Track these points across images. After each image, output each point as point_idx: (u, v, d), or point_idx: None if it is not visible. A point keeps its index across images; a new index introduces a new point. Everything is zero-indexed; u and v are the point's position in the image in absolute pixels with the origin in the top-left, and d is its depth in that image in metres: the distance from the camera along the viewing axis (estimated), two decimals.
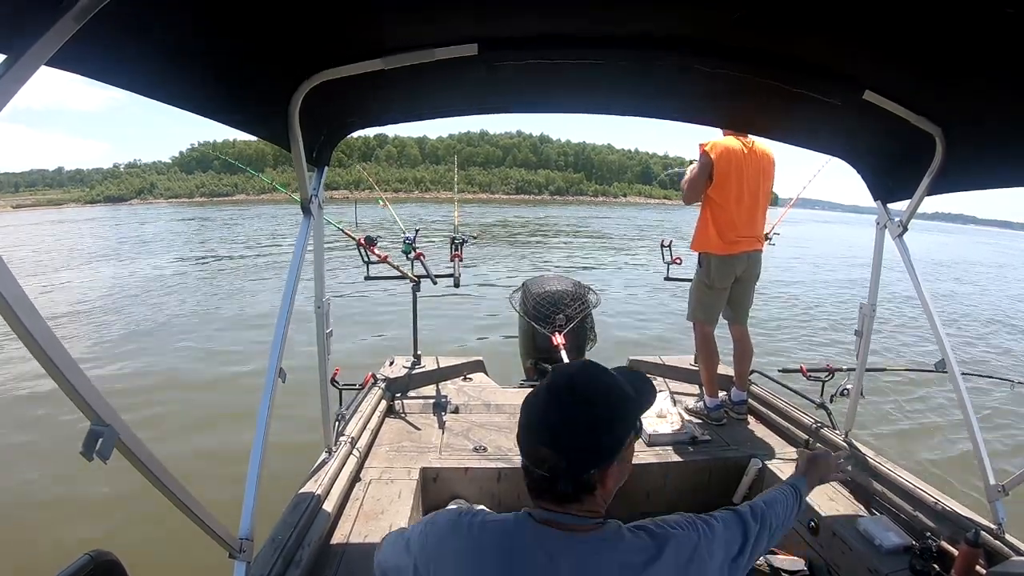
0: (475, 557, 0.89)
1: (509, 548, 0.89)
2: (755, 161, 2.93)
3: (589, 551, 0.88)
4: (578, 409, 0.89)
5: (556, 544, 0.88)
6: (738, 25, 1.40)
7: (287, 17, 1.29)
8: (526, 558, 0.87)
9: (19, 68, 0.74)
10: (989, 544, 1.88)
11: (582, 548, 0.88)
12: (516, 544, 0.89)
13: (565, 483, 0.88)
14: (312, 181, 2.03)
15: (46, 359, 0.85)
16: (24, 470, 4.51)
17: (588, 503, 0.91)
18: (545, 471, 0.88)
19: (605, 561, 0.88)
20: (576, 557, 0.87)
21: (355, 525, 2.09)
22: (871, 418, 5.48)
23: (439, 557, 0.92)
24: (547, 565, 0.86)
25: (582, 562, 0.87)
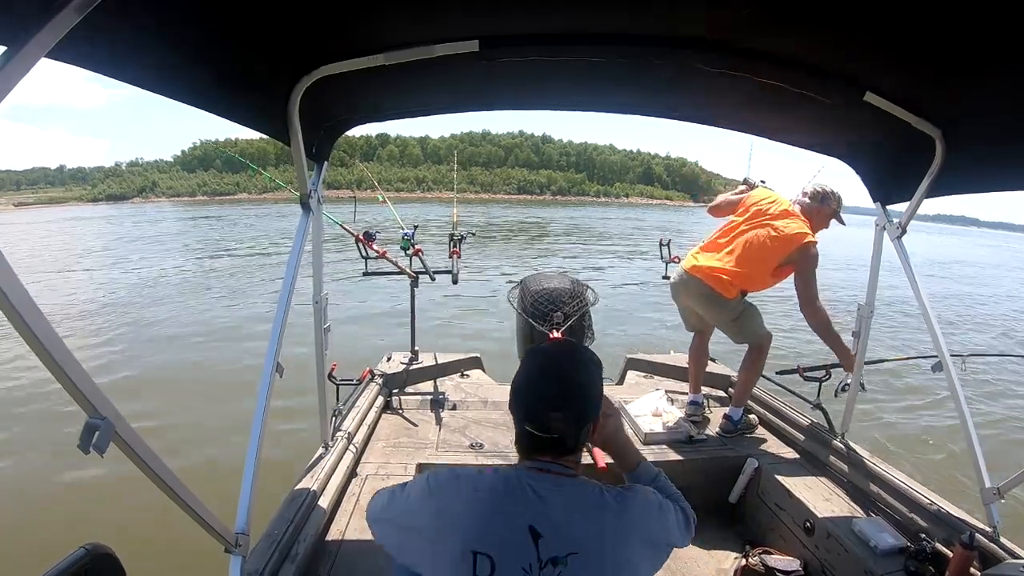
0: (475, 497, 1.04)
1: (503, 490, 1.04)
2: (769, 223, 2.84)
3: (573, 489, 1.06)
4: (573, 380, 1.09)
5: (546, 485, 1.04)
6: (740, 26, 1.40)
7: (288, 11, 1.29)
8: (519, 495, 1.03)
9: (19, 60, 0.74)
10: (984, 547, 1.88)
11: (568, 485, 1.06)
12: (511, 486, 1.05)
13: (571, 441, 1.08)
14: (312, 177, 2.03)
15: (43, 352, 0.85)
16: (19, 463, 4.53)
17: (577, 454, 1.11)
18: (555, 434, 1.05)
19: (586, 496, 1.06)
20: (562, 494, 1.04)
21: (351, 520, 2.09)
22: (867, 419, 5.48)
23: (443, 501, 1.06)
24: (537, 501, 1.03)
25: (567, 498, 1.04)
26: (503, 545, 1.00)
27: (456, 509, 1.04)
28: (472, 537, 1.00)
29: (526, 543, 1.00)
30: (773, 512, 2.51)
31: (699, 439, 2.87)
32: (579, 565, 0.99)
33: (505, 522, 1.02)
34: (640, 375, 3.94)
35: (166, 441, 4.54)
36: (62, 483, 4.08)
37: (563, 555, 0.99)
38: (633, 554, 1.05)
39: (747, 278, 2.87)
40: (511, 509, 1.02)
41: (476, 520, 1.02)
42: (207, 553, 1.57)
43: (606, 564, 1.01)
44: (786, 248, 2.77)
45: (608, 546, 1.03)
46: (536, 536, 1.00)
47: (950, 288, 17.39)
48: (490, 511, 1.03)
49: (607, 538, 1.03)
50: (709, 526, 2.64)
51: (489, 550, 0.99)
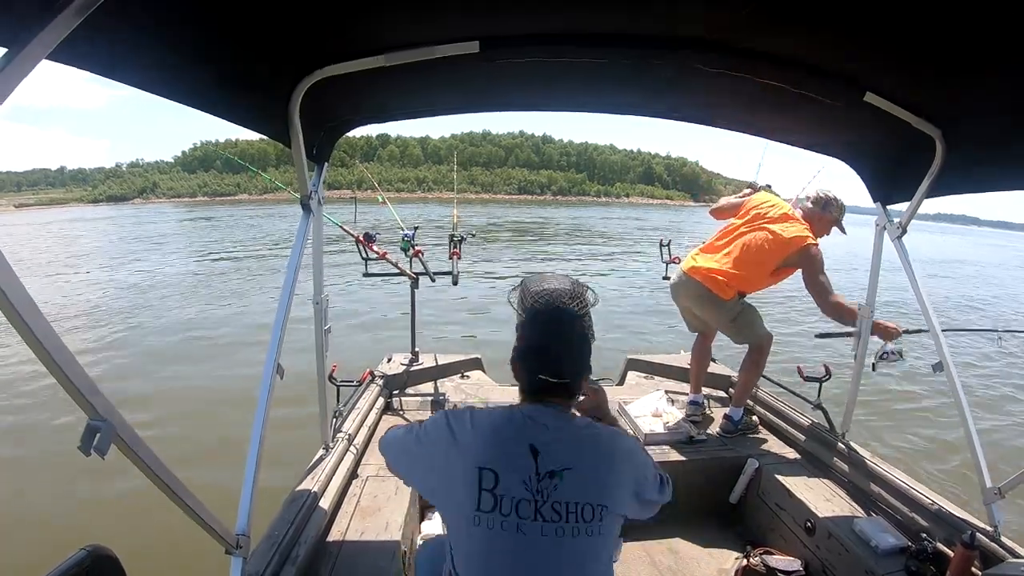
0: (484, 423, 1.20)
1: (509, 418, 1.20)
2: (768, 226, 2.85)
3: (570, 419, 1.23)
4: (573, 330, 1.22)
5: (546, 416, 1.20)
6: (740, 26, 1.41)
7: (289, 13, 1.29)
8: (521, 422, 1.19)
9: (20, 62, 0.74)
10: (985, 546, 1.88)
11: (565, 417, 1.22)
12: (515, 416, 1.20)
13: (575, 386, 1.24)
14: (312, 178, 2.03)
15: (44, 354, 0.85)
16: (21, 465, 4.53)
17: (570, 400, 1.26)
18: (566, 379, 1.21)
19: (581, 425, 1.23)
20: (560, 421, 1.20)
21: (352, 522, 2.09)
22: (868, 419, 5.48)
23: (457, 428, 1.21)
24: (537, 426, 1.18)
25: (565, 424, 1.20)
26: (506, 460, 1.15)
27: (467, 434, 1.19)
28: (479, 455, 1.16)
29: (526, 458, 1.14)
30: (774, 512, 2.51)
31: (699, 439, 2.87)
32: (572, 478, 1.14)
33: (508, 441, 1.17)
34: (640, 376, 3.94)
35: (166, 443, 4.54)
36: (63, 485, 4.08)
37: (559, 469, 1.14)
38: (618, 481, 1.20)
39: (744, 280, 2.88)
40: (514, 432, 1.18)
41: (483, 442, 1.18)
42: (208, 554, 1.57)
43: (596, 481, 1.16)
44: (784, 251, 2.78)
45: (599, 466, 1.19)
46: (535, 452, 1.15)
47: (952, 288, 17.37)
48: (496, 434, 1.19)
49: (599, 460, 1.19)
50: (710, 526, 2.65)
51: (493, 465, 1.14)
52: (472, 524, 1.13)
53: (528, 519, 1.12)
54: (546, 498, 1.13)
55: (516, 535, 1.12)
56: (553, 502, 1.13)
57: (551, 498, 1.13)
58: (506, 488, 1.13)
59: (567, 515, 1.13)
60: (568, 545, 1.13)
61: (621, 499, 1.20)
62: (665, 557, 2.45)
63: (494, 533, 1.12)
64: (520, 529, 1.12)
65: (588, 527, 1.14)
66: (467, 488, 1.14)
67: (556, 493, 1.13)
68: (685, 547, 2.52)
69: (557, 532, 1.12)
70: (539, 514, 1.12)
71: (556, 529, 1.12)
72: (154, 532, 3.21)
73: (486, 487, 1.13)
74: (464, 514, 1.14)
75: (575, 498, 1.14)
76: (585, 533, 1.14)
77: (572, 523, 1.13)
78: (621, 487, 1.20)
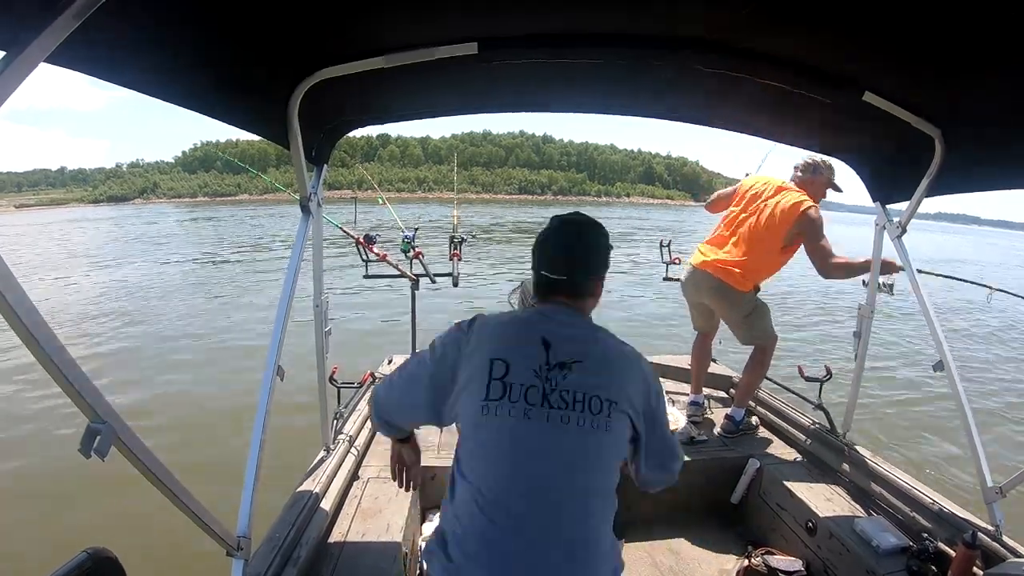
0: (499, 321, 1.28)
1: (523, 316, 1.32)
2: (766, 203, 2.86)
3: (583, 319, 1.29)
4: (591, 239, 1.31)
5: (558, 315, 1.26)
6: (739, 26, 1.40)
7: (287, 15, 1.29)
8: (535, 319, 1.26)
9: (18, 65, 0.74)
10: (986, 546, 1.88)
11: (578, 317, 1.28)
12: (528, 314, 1.30)
13: (579, 284, 1.29)
14: (311, 180, 2.03)
15: (44, 356, 0.85)
16: (21, 467, 4.54)
17: (584, 301, 1.31)
18: (565, 275, 1.28)
19: (594, 328, 1.27)
20: (573, 318, 1.27)
21: (353, 523, 2.09)
22: (869, 419, 5.47)
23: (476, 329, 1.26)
24: (549, 322, 1.24)
25: (577, 322, 1.26)
26: (518, 350, 1.20)
27: (481, 330, 1.25)
28: (492, 348, 1.21)
29: (538, 349, 1.19)
30: (775, 512, 2.51)
31: (700, 440, 2.87)
32: (582, 370, 1.18)
33: (520, 334, 1.23)
34: None
35: (167, 444, 4.54)
36: (64, 487, 4.08)
37: (569, 361, 1.18)
38: (627, 380, 1.22)
39: (756, 264, 2.87)
40: (526, 326, 1.25)
41: (497, 335, 1.24)
42: (209, 557, 1.57)
43: (606, 376, 1.20)
44: (787, 221, 2.76)
45: (610, 364, 1.22)
46: (547, 344, 1.20)
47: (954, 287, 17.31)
48: (508, 327, 1.26)
49: (609, 358, 1.23)
50: (711, 527, 2.64)
51: (505, 355, 1.19)
52: (480, 415, 1.16)
53: (536, 405, 1.15)
54: (555, 386, 1.16)
55: (522, 420, 1.14)
56: (561, 390, 1.16)
57: (559, 387, 1.16)
58: (516, 376, 1.16)
59: (574, 403, 1.15)
60: (573, 434, 1.14)
61: (629, 400, 1.20)
62: (666, 557, 2.45)
63: (500, 420, 1.15)
64: (527, 415, 1.14)
65: (595, 420, 1.16)
66: (478, 381, 1.18)
67: (565, 382, 1.16)
68: (686, 547, 2.52)
69: (563, 419, 1.14)
70: (546, 401, 1.15)
71: (562, 416, 1.14)
72: (155, 534, 3.21)
73: (496, 376, 1.17)
74: (474, 409, 1.17)
75: (583, 389, 1.16)
76: (591, 425, 1.15)
77: (579, 412, 1.15)
78: (630, 386, 1.21)
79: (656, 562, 2.43)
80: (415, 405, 1.29)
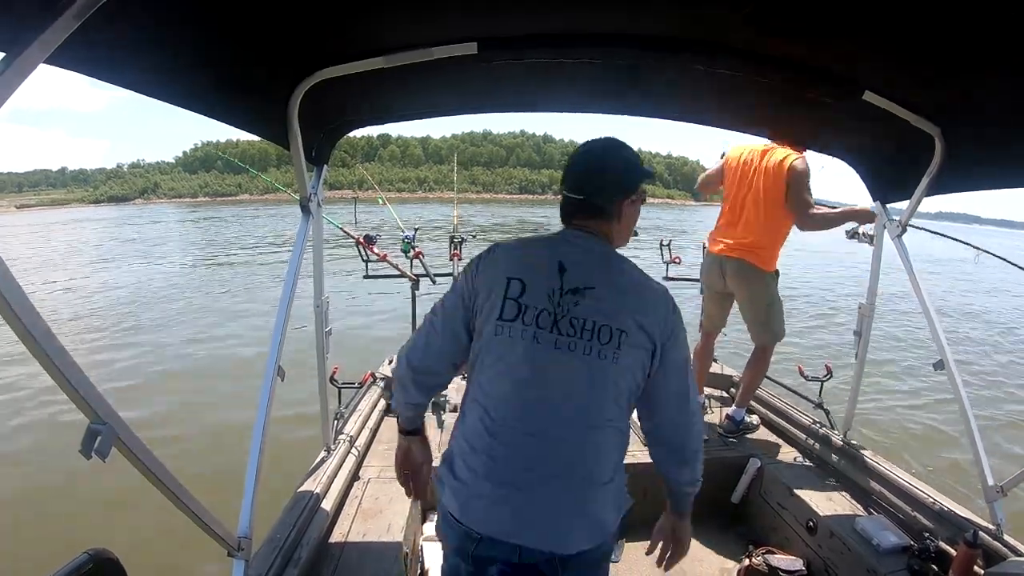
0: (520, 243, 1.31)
1: (543, 239, 1.30)
2: (758, 171, 2.85)
3: (602, 246, 1.26)
4: (609, 157, 1.30)
5: (578, 240, 1.26)
6: (739, 25, 1.40)
7: (286, 15, 1.29)
8: (554, 242, 1.27)
9: (19, 65, 0.74)
10: (987, 544, 1.88)
11: (598, 243, 1.26)
12: (549, 238, 1.30)
13: (599, 205, 1.27)
14: (311, 180, 2.03)
15: (44, 357, 0.85)
16: (22, 467, 4.54)
17: (606, 227, 1.29)
18: (583, 195, 1.27)
19: (613, 255, 1.27)
20: (592, 245, 1.25)
21: (353, 524, 2.09)
22: (870, 418, 5.47)
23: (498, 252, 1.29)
24: (567, 246, 1.25)
25: (594, 248, 1.25)
26: (535, 272, 1.21)
27: (504, 250, 1.28)
28: (510, 267, 1.23)
29: (553, 273, 1.20)
30: (776, 512, 2.51)
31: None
32: (593, 297, 1.17)
33: (538, 256, 1.24)
34: None
35: (167, 445, 4.54)
36: (65, 488, 4.09)
37: (582, 287, 1.18)
38: (639, 310, 1.19)
39: (773, 236, 2.85)
40: (545, 250, 1.25)
41: (517, 256, 1.27)
42: (210, 557, 1.58)
43: (617, 305, 1.18)
44: (781, 178, 2.76)
45: (624, 293, 1.21)
46: (562, 269, 1.20)
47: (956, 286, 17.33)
48: (529, 249, 1.28)
49: (623, 286, 1.22)
50: (711, 526, 2.64)
51: (522, 275, 1.21)
52: (493, 335, 1.19)
53: (545, 330, 1.16)
54: (565, 312, 1.17)
55: (532, 344, 1.16)
56: (572, 317, 1.17)
57: (570, 313, 1.17)
58: (530, 298, 1.18)
59: (582, 332, 1.16)
60: (578, 362, 1.15)
61: (645, 333, 1.18)
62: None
63: (512, 341, 1.17)
64: (536, 339, 1.16)
65: (603, 349, 1.16)
66: (494, 299, 1.20)
67: (575, 310, 1.17)
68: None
69: (570, 347, 1.16)
70: (556, 327, 1.16)
71: (570, 343, 1.16)
72: (156, 535, 3.21)
73: (512, 296, 1.19)
74: (489, 328, 1.20)
75: (593, 317, 1.17)
76: (598, 355, 1.16)
77: (586, 340, 1.16)
78: (646, 319, 1.19)
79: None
80: (456, 333, 1.28)
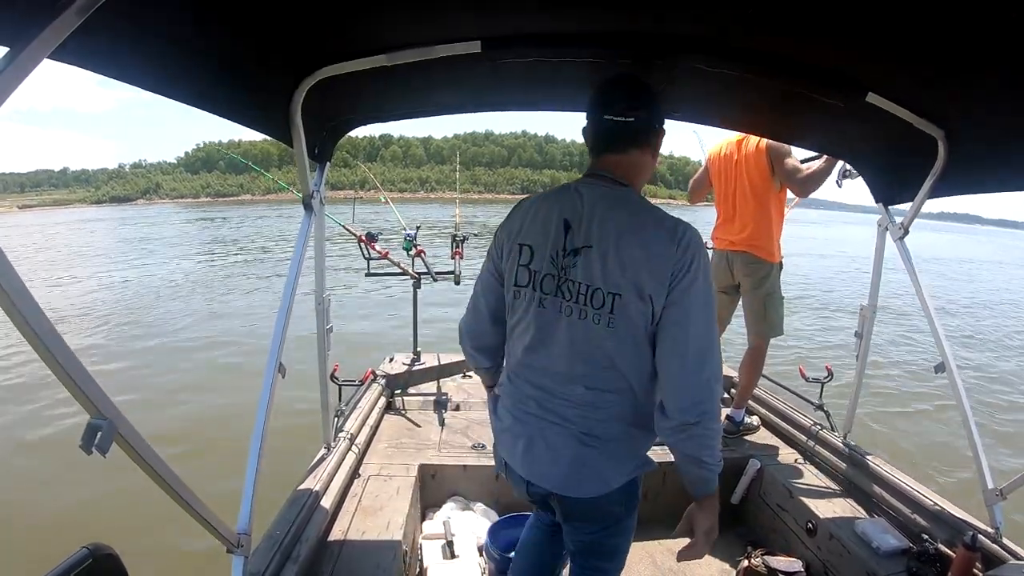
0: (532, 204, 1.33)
1: (555, 193, 1.30)
2: (739, 162, 2.89)
3: (617, 193, 1.23)
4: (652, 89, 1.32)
5: (593, 189, 1.24)
6: (742, 26, 1.40)
7: (290, 12, 1.29)
8: (564, 196, 1.26)
9: (21, 61, 0.74)
10: (986, 548, 1.88)
11: (613, 190, 1.23)
12: (563, 189, 1.30)
13: (644, 125, 1.26)
14: (314, 177, 2.04)
15: (45, 352, 0.85)
16: (21, 463, 4.55)
17: (640, 159, 1.28)
18: (633, 117, 1.23)
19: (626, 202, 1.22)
20: (603, 193, 1.23)
21: (353, 521, 2.10)
22: (870, 420, 5.46)
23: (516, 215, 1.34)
24: (577, 199, 1.23)
25: (605, 197, 1.22)
26: (542, 235, 1.24)
27: (519, 212, 1.33)
28: (522, 232, 1.28)
29: (559, 233, 1.21)
30: (775, 513, 2.51)
31: None
32: (588, 258, 1.17)
33: (546, 217, 1.25)
34: None
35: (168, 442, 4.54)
36: (64, 483, 4.09)
37: (581, 247, 1.18)
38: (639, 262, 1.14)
39: (769, 225, 2.86)
40: (553, 206, 1.25)
41: (529, 219, 1.29)
42: (209, 554, 1.58)
43: (613, 264, 1.15)
44: (762, 160, 2.79)
45: (622, 247, 1.15)
46: (567, 228, 1.21)
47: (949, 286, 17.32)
48: (538, 211, 1.28)
49: (623, 238, 1.16)
50: None
51: (531, 241, 1.25)
52: (513, 299, 1.28)
53: (550, 294, 1.21)
54: (566, 276, 1.19)
55: (538, 309, 1.23)
56: (570, 280, 1.19)
57: (569, 276, 1.19)
58: (537, 263, 1.23)
59: (577, 295, 1.18)
60: (574, 327, 1.18)
61: (635, 292, 1.13)
62: (666, 558, 2.45)
63: (525, 305, 1.25)
64: (542, 303, 1.22)
65: (596, 314, 1.16)
66: (510, 265, 1.28)
67: (573, 271, 1.19)
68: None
69: (565, 311, 1.19)
70: (559, 290, 1.20)
71: (564, 307, 1.20)
72: (155, 531, 3.22)
73: (523, 262, 1.25)
74: (509, 294, 1.29)
75: (587, 280, 1.17)
76: (592, 319, 1.16)
77: (580, 304, 1.18)
78: (646, 272, 1.13)
79: (656, 562, 2.42)
80: (495, 291, 1.37)
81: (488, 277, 1.37)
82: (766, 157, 2.77)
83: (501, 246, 1.33)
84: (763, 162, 2.78)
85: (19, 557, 3.24)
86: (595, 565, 1.42)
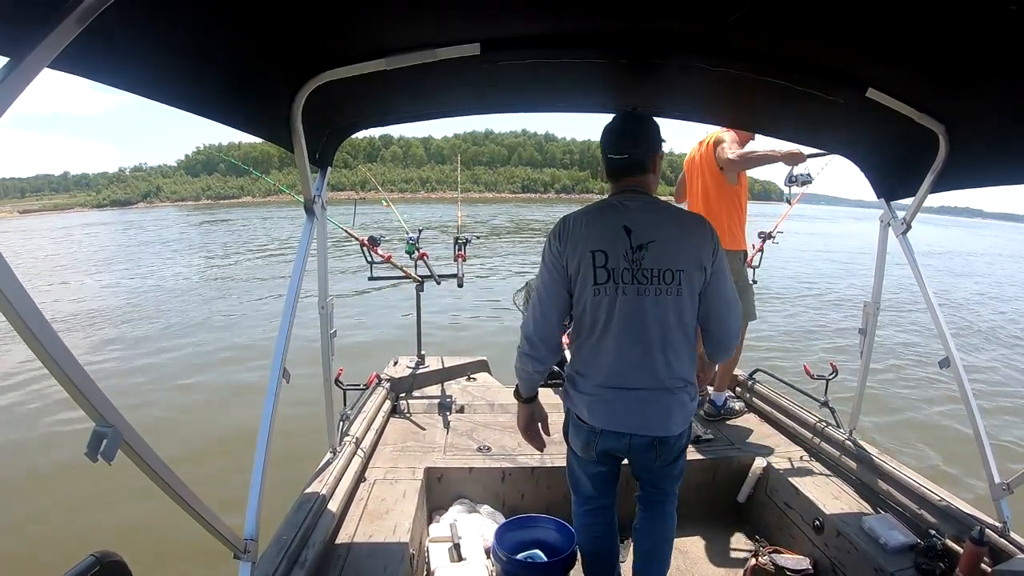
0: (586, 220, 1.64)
1: (602, 210, 1.66)
2: (698, 161, 3.05)
3: (650, 202, 1.65)
4: (644, 123, 1.70)
5: (630, 202, 1.62)
6: (740, 24, 1.40)
7: (290, 18, 1.29)
8: (612, 210, 1.63)
9: (22, 71, 0.73)
10: (994, 542, 1.87)
11: (645, 200, 1.64)
12: (605, 206, 1.66)
13: (638, 154, 1.66)
14: (315, 182, 2.03)
15: (50, 360, 0.85)
16: (28, 470, 4.56)
17: (646, 179, 1.68)
18: (628, 154, 1.66)
19: (661, 207, 1.67)
20: (643, 202, 1.63)
21: (360, 525, 2.10)
22: (876, 416, 5.45)
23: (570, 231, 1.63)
24: (625, 210, 1.61)
25: (646, 206, 1.62)
26: (610, 240, 1.57)
27: (579, 231, 1.61)
28: (591, 242, 1.58)
29: (623, 236, 1.57)
30: (782, 511, 2.51)
31: (706, 439, 2.86)
32: (655, 249, 1.56)
33: (607, 226, 1.59)
34: None
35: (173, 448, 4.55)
36: (71, 490, 4.09)
37: (646, 242, 1.56)
38: (689, 248, 1.59)
39: (727, 215, 2.99)
40: (609, 218, 1.61)
41: (590, 231, 1.60)
42: (216, 560, 1.57)
43: (673, 250, 1.57)
44: (710, 155, 2.95)
45: (676, 239, 1.59)
46: (628, 231, 1.57)
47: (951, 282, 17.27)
48: (597, 223, 1.62)
49: (675, 233, 1.60)
50: (718, 526, 2.64)
51: (602, 247, 1.57)
52: (593, 296, 1.59)
53: (628, 283, 1.56)
54: (639, 266, 1.56)
55: (621, 296, 1.57)
56: (643, 268, 1.56)
57: (641, 266, 1.56)
58: (613, 262, 1.56)
59: (651, 278, 1.56)
60: (652, 301, 1.57)
61: (698, 262, 1.59)
62: (673, 557, 2.44)
63: (609, 297, 1.58)
64: (623, 291, 1.57)
65: (668, 288, 1.57)
66: (585, 269, 1.58)
67: (644, 262, 1.56)
68: (694, 547, 2.52)
69: (643, 292, 1.56)
70: (635, 278, 1.56)
71: (643, 289, 1.56)
72: (162, 537, 3.22)
73: (599, 265, 1.57)
74: (589, 292, 1.59)
75: (657, 265, 1.56)
76: (666, 293, 1.57)
77: (655, 284, 1.56)
78: (696, 250, 1.59)
79: None
80: (560, 297, 1.65)
81: (554, 286, 1.65)
82: (713, 149, 2.93)
83: (566, 258, 1.61)
84: (711, 157, 2.94)
85: (26, 565, 3.25)
86: (670, 488, 1.86)
